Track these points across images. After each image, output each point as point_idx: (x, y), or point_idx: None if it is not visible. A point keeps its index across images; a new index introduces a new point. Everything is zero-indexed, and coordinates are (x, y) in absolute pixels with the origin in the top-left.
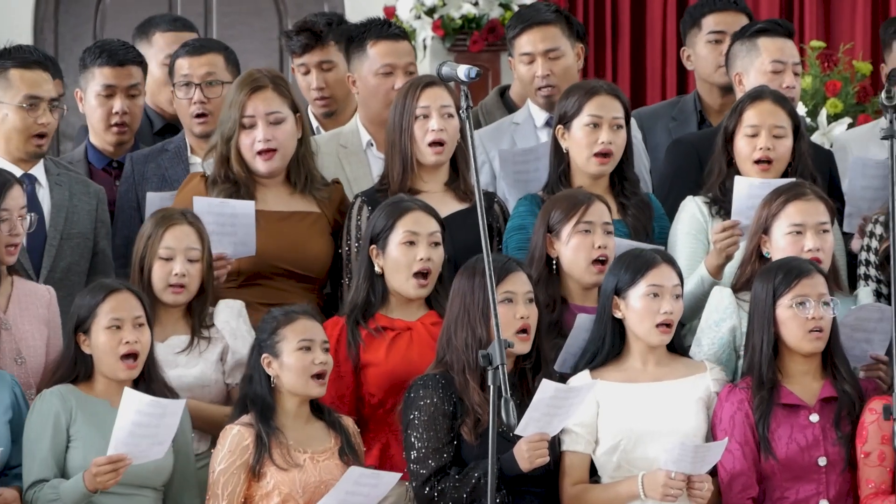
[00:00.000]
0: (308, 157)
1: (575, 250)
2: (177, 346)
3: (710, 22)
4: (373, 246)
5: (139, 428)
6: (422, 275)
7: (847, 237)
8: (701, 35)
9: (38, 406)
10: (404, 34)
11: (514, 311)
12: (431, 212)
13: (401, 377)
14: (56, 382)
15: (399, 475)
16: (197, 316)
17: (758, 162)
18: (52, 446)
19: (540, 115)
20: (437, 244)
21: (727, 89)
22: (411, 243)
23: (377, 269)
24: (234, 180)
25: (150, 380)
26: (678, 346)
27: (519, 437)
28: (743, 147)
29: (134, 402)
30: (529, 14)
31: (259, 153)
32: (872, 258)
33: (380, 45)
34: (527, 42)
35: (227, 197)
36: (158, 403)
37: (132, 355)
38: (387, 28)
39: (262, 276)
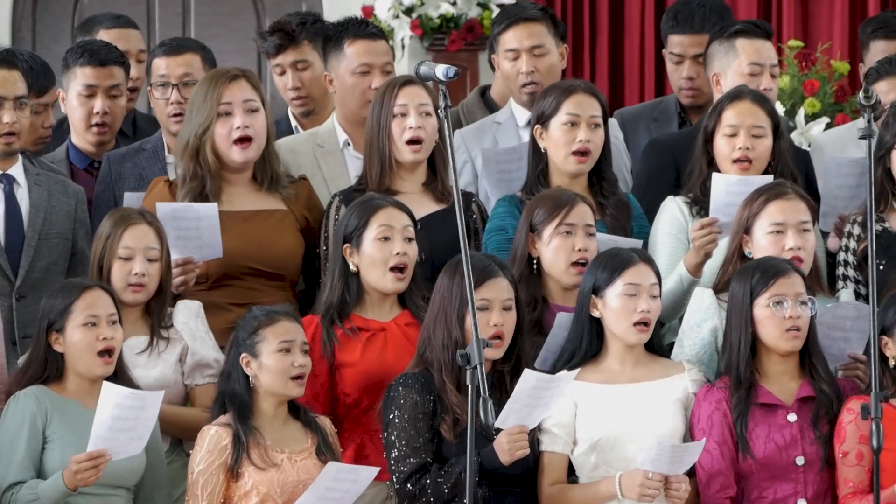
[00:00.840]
0: (272, 157)
1: (555, 252)
2: (136, 346)
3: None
4: (346, 245)
5: (119, 422)
6: (398, 269)
7: (824, 236)
8: None
9: (12, 408)
10: (381, 33)
11: (487, 319)
12: (403, 207)
13: (376, 377)
14: (27, 383)
15: (377, 469)
16: (156, 316)
17: (737, 161)
18: (29, 448)
19: (522, 115)
20: (410, 239)
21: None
22: (386, 238)
23: (352, 267)
24: (202, 177)
25: (121, 377)
26: (657, 347)
27: (499, 432)
28: (722, 147)
29: (112, 395)
30: (515, 11)
31: (236, 141)
32: (851, 258)
33: (357, 44)
34: (512, 38)
35: (192, 198)
36: (137, 396)
37: (108, 351)
38: (364, 27)
39: (232, 277)
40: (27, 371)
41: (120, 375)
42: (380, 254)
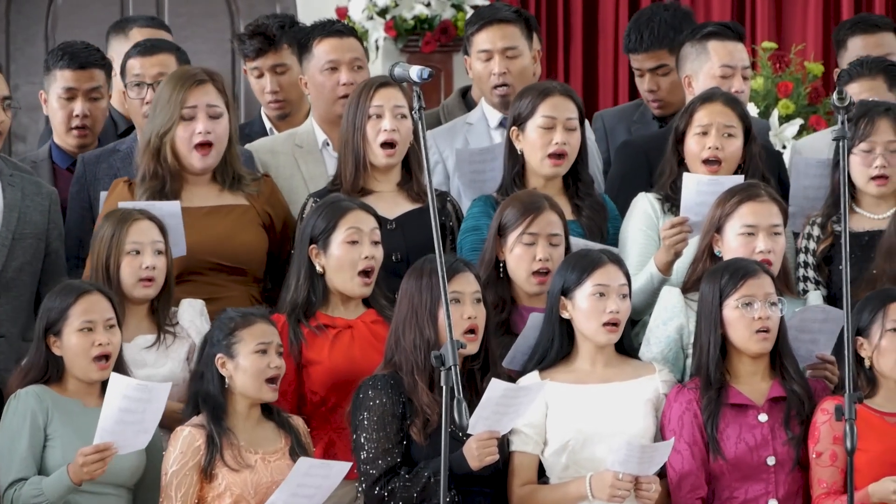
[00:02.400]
0: (235, 158)
1: (517, 260)
2: (143, 344)
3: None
4: (312, 246)
5: (126, 414)
6: (366, 273)
7: (794, 236)
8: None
9: (13, 406)
10: (350, 31)
11: (461, 312)
12: (370, 210)
13: (343, 375)
14: (28, 384)
15: (349, 464)
16: (161, 313)
17: (706, 162)
18: (31, 445)
19: (494, 116)
20: (376, 242)
21: None
22: (354, 242)
23: (318, 268)
24: (162, 176)
25: None
26: (627, 348)
27: (469, 437)
28: (692, 146)
29: (121, 386)
30: (489, 12)
31: (197, 147)
32: (810, 259)
33: (324, 42)
34: (485, 39)
35: (151, 196)
36: (145, 387)
37: (104, 356)
38: (330, 25)
39: (193, 272)
40: (28, 373)
41: None
42: (348, 257)
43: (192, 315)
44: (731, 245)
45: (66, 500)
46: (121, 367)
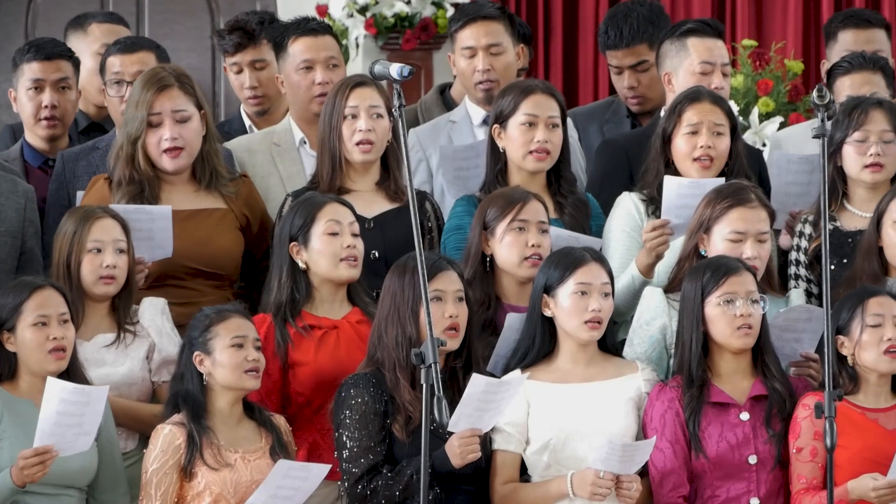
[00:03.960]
0: (213, 154)
1: (509, 248)
2: (103, 343)
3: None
4: (293, 243)
5: (64, 417)
6: (350, 259)
7: (775, 233)
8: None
9: None
10: (325, 29)
11: (442, 310)
12: (347, 204)
13: (329, 376)
14: None
15: (328, 466)
16: (122, 312)
17: (698, 160)
18: None
19: (477, 113)
20: (356, 234)
21: None
22: (335, 233)
23: (301, 265)
24: (139, 181)
25: (73, 375)
26: (610, 346)
27: (451, 434)
28: (682, 145)
29: (57, 390)
30: (473, 9)
31: (165, 151)
32: (802, 258)
33: (299, 41)
34: (469, 35)
35: (129, 201)
36: (82, 391)
37: (60, 349)
38: (305, 24)
39: (171, 277)
40: None
41: (73, 374)
42: (330, 248)
43: (154, 314)
44: (718, 248)
45: (16, 501)
46: (75, 365)
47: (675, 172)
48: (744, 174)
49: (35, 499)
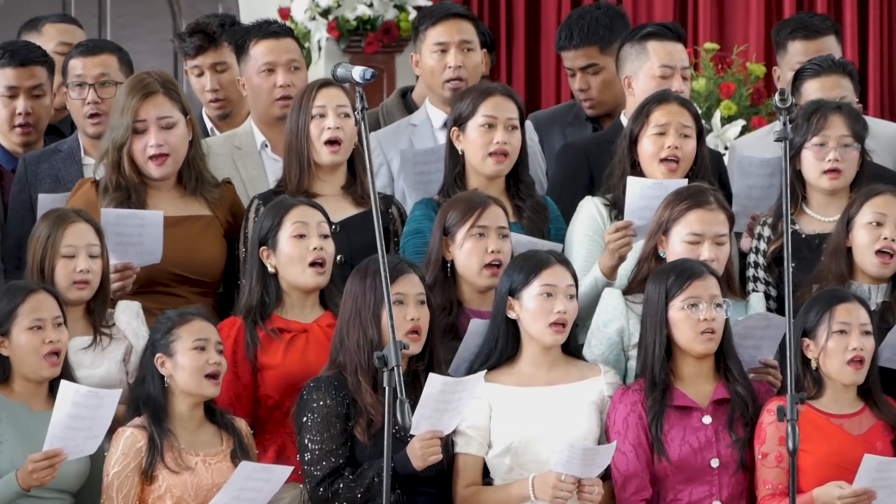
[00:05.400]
0: (199, 160)
1: (468, 254)
2: (80, 345)
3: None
4: (263, 247)
5: (76, 421)
6: (318, 264)
7: (736, 236)
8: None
9: None
10: (286, 31)
11: (404, 313)
12: (315, 205)
13: (298, 379)
14: None
15: (291, 468)
16: (97, 315)
17: (665, 161)
18: None
19: (438, 117)
20: (325, 235)
21: None
22: (302, 235)
23: (270, 269)
24: (126, 187)
25: (66, 378)
26: (573, 349)
27: (412, 437)
28: (649, 146)
29: (71, 393)
30: (445, 7)
31: (151, 158)
32: (761, 260)
33: (260, 44)
34: (442, 31)
35: (117, 205)
36: (95, 394)
37: (55, 353)
38: (266, 27)
39: (157, 283)
40: None
41: (65, 377)
42: (297, 251)
43: (129, 316)
44: (676, 249)
45: None
46: (67, 369)
47: (641, 174)
48: (708, 178)
49: (27, 502)
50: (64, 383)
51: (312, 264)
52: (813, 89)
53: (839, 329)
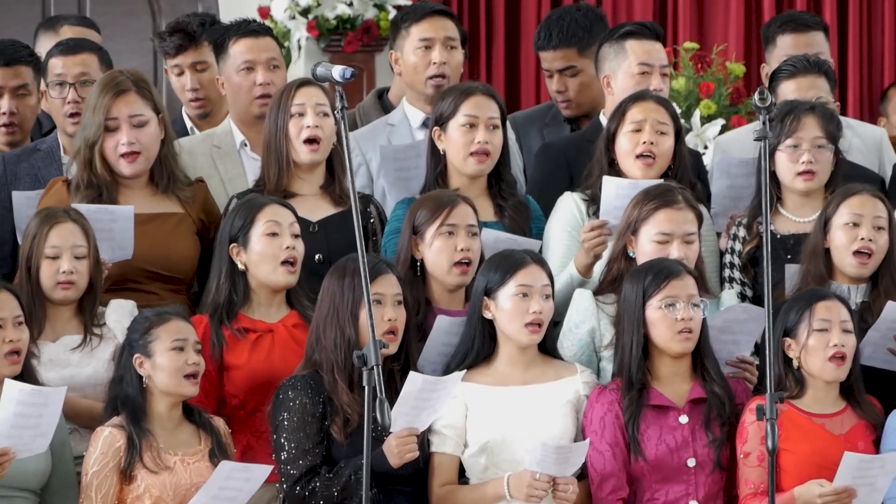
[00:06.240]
0: (170, 158)
1: (438, 252)
2: (69, 344)
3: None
4: (233, 245)
5: (22, 419)
6: (289, 263)
7: (717, 236)
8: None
9: None
10: (266, 30)
11: (381, 313)
12: (287, 205)
13: (263, 379)
14: None
15: (270, 467)
16: (88, 314)
17: (641, 157)
18: None
19: (416, 116)
20: (296, 235)
21: None
22: (274, 234)
23: (240, 266)
24: (97, 185)
25: (27, 378)
26: (550, 348)
27: (388, 434)
28: (625, 143)
29: (14, 392)
30: (428, 5)
31: (123, 156)
32: (736, 261)
33: (239, 42)
34: (428, 28)
35: (89, 202)
36: (40, 392)
37: (15, 352)
38: (246, 25)
39: (130, 280)
40: None
41: (26, 376)
42: (269, 249)
43: (120, 315)
44: (645, 249)
45: None
46: (29, 368)
47: (619, 173)
48: (688, 177)
49: None
50: (8, 382)
51: (284, 263)
52: (789, 90)
53: (820, 327)
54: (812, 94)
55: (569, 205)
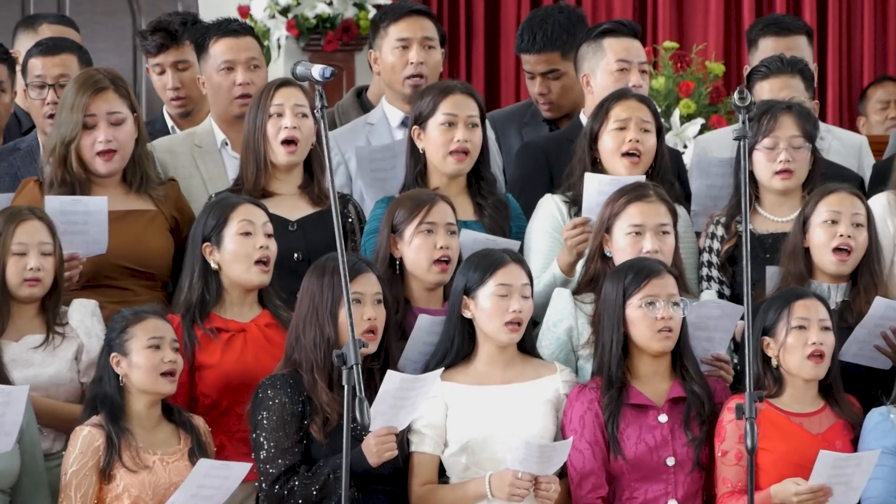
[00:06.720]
0: (144, 158)
1: (417, 251)
2: (32, 343)
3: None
4: (206, 243)
5: None
6: (262, 262)
7: (697, 236)
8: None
9: None
10: (246, 30)
11: (361, 312)
12: (260, 205)
13: (235, 379)
14: None
15: (249, 465)
16: (51, 313)
17: (627, 155)
18: None
19: (395, 115)
20: (269, 235)
21: None
22: (248, 234)
23: (213, 265)
24: (71, 183)
25: (1, 378)
26: (529, 347)
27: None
28: (610, 142)
29: None
30: (406, 4)
31: (99, 153)
32: (714, 259)
33: (220, 42)
34: (405, 28)
35: None
36: (1, 391)
37: None
38: (226, 25)
39: (104, 276)
40: None
41: None
42: (243, 249)
43: (83, 315)
44: (620, 245)
45: None
46: None
47: (602, 172)
48: (668, 176)
49: None
50: None
51: (257, 262)
52: (763, 91)
53: (798, 325)
54: (786, 95)
55: (549, 206)
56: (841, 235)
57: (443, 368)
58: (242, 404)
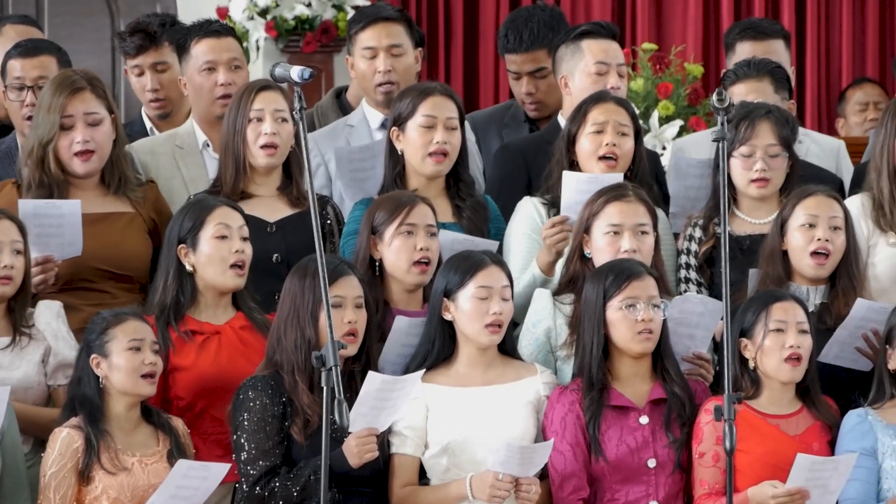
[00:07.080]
0: (122, 159)
1: (397, 252)
2: None
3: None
4: (181, 245)
5: None
6: (238, 266)
7: (675, 237)
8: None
9: None
10: (227, 30)
11: (342, 315)
12: (237, 208)
13: (210, 381)
14: None
15: (228, 466)
16: (18, 314)
17: (604, 158)
18: None
19: (375, 117)
20: (245, 238)
21: None
22: (224, 237)
23: (188, 267)
24: (48, 184)
25: None
26: (510, 349)
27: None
28: (587, 145)
29: None
30: (373, 10)
31: (77, 154)
32: (692, 261)
33: (201, 43)
34: (371, 36)
35: None
36: None
37: None
38: (208, 26)
39: (82, 279)
40: None
41: None
42: (218, 252)
43: (49, 317)
44: (598, 245)
45: None
46: None
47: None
48: (647, 178)
49: None
50: None
51: (233, 266)
52: (735, 96)
53: (776, 327)
54: (754, 98)
55: (528, 209)
56: (819, 239)
57: (423, 370)
58: (217, 407)
